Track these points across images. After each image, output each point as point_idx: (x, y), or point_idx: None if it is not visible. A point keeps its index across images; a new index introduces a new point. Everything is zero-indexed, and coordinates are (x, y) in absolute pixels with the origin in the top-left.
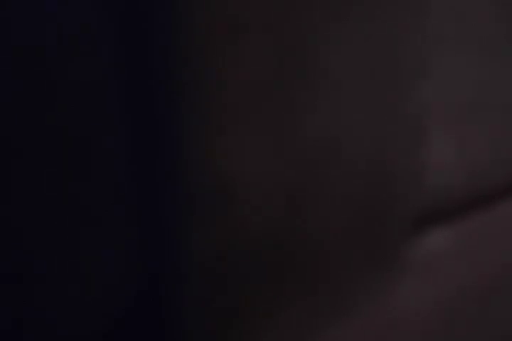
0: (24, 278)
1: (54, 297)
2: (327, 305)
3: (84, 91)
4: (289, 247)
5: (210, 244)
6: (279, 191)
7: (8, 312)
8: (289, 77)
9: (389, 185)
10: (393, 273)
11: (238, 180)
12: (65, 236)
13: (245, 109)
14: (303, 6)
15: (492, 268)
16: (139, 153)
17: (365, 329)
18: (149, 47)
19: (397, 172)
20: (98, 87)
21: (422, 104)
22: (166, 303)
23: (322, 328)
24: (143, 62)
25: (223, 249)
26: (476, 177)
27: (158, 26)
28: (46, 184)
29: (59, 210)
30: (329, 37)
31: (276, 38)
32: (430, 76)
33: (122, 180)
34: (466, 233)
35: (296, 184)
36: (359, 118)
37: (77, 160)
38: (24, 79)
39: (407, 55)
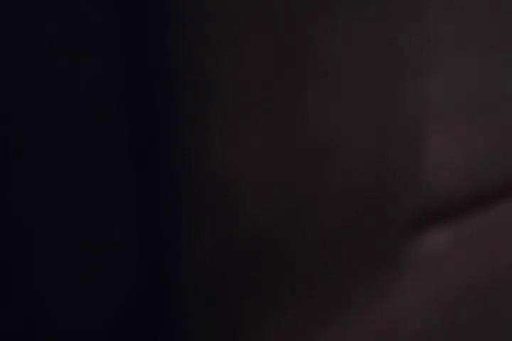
0: (24, 278)
1: (54, 297)
2: (327, 305)
3: (83, 90)
4: (289, 247)
5: (210, 244)
6: (279, 191)
7: (8, 312)
8: (289, 77)
9: (389, 184)
10: (393, 273)
11: (238, 180)
12: (65, 237)
13: (245, 109)
14: (303, 6)
15: (492, 268)
16: (139, 153)
17: (365, 329)
18: (149, 47)
19: (397, 172)
20: (98, 87)
21: (422, 104)
22: (166, 303)
23: (322, 328)
24: (143, 62)
25: (223, 249)
26: (476, 177)
27: (157, 26)
28: (46, 184)
29: (59, 210)
30: (329, 37)
31: (276, 38)
32: (430, 76)
33: (122, 180)
34: (466, 233)
35: (296, 184)
36: (359, 118)
37: (77, 160)
38: (24, 78)
39: (407, 55)
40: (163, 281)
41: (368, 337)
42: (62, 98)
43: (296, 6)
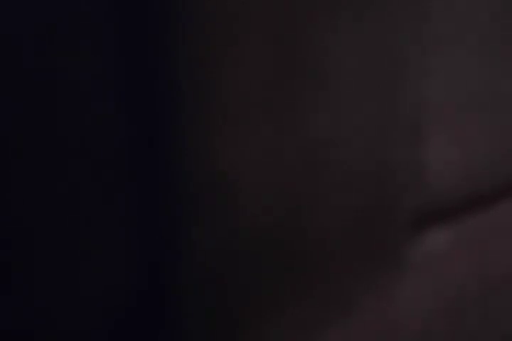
0: (24, 278)
1: (54, 297)
2: (327, 305)
3: (83, 90)
4: (289, 247)
5: (210, 243)
6: (279, 191)
7: (8, 312)
8: (289, 77)
9: (389, 184)
10: (393, 273)
11: (238, 180)
12: (65, 237)
13: (245, 109)
14: (303, 6)
15: (492, 268)
16: (139, 153)
17: (365, 329)
18: (149, 47)
19: (397, 172)
20: (98, 87)
21: (422, 104)
22: (166, 303)
23: (322, 328)
24: (143, 62)
25: (223, 249)
26: (476, 177)
27: (157, 26)
28: (46, 184)
29: (59, 210)
30: (329, 37)
31: (276, 37)
32: (430, 76)
33: (122, 180)
34: (466, 233)
35: (296, 184)
36: (359, 118)
37: (77, 160)
38: (24, 78)
39: (407, 55)
40: (163, 281)
41: (368, 337)
42: (62, 98)
43: (296, 6)
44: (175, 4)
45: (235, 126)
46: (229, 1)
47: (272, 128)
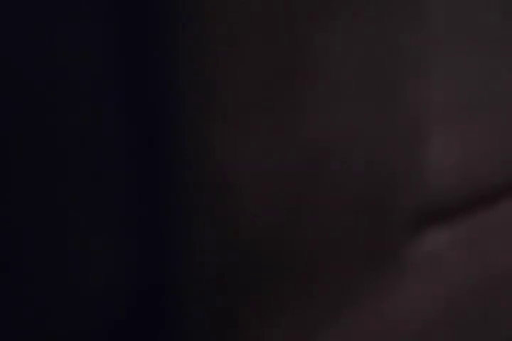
0: (25, 279)
1: (54, 297)
2: (327, 305)
3: (83, 90)
4: (289, 247)
5: (210, 244)
6: (279, 191)
7: (8, 312)
8: (289, 77)
9: (389, 185)
10: (393, 273)
11: (238, 180)
12: (66, 236)
13: (245, 109)
14: (303, 6)
15: (492, 268)
16: (138, 153)
17: (365, 329)
18: (149, 47)
19: (397, 172)
20: (98, 87)
21: (422, 104)
22: (166, 303)
23: (322, 328)
24: (143, 62)
25: (223, 249)
26: (476, 177)
27: (157, 26)
28: (46, 184)
29: (59, 210)
30: (329, 37)
31: (276, 37)
32: (430, 76)
33: (122, 180)
34: (466, 233)
35: (296, 184)
36: (359, 118)
37: (77, 160)
38: (24, 78)
39: (407, 55)
40: (163, 281)
41: (368, 337)
42: (62, 98)
43: (296, 6)
44: (175, 4)
45: (235, 126)
46: (229, 1)
47: (271, 128)
